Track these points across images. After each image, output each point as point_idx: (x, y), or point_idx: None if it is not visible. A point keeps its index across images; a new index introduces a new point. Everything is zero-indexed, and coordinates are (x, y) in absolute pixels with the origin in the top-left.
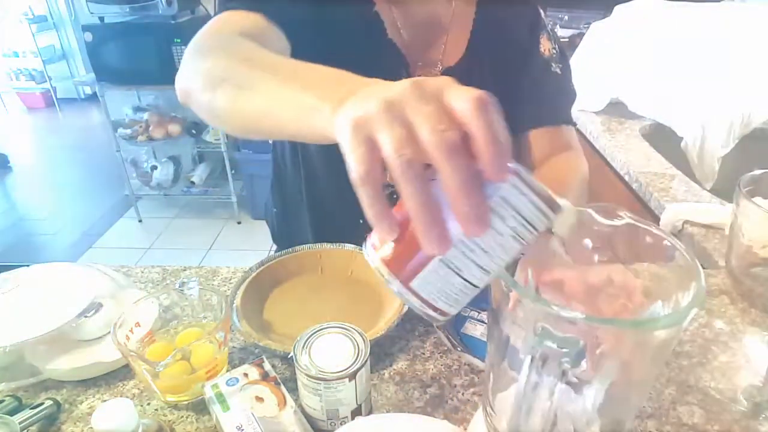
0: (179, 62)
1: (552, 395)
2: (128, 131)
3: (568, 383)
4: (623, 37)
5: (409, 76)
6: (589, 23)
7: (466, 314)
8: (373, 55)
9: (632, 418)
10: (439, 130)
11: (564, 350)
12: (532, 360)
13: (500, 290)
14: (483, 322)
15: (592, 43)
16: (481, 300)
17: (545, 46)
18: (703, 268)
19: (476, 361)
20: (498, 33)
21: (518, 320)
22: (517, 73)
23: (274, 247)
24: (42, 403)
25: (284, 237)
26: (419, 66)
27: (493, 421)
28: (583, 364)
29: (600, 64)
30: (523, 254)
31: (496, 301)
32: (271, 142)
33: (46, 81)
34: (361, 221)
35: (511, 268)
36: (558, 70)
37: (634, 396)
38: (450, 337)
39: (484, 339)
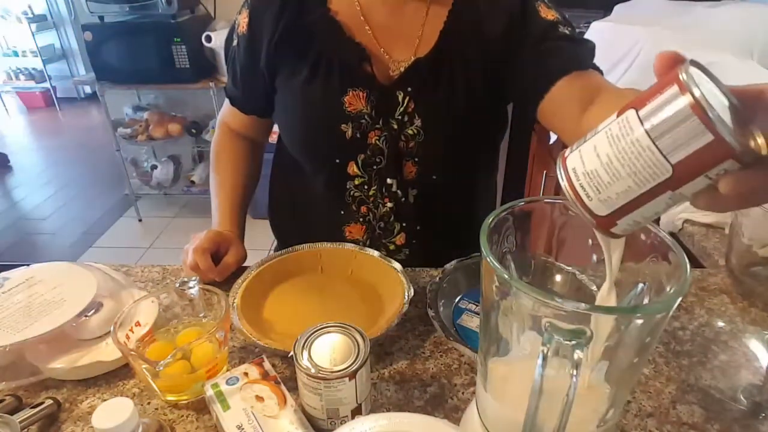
0: (179, 61)
1: (570, 389)
2: (128, 130)
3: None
4: (623, 37)
5: (372, 69)
6: (589, 23)
7: (464, 306)
8: (336, 54)
9: (621, 406)
10: None
11: (573, 342)
12: (544, 358)
13: (491, 282)
14: (479, 314)
15: None
16: (479, 293)
17: (546, 13)
18: (703, 267)
19: (468, 351)
20: (474, 21)
21: (508, 311)
22: (502, 54)
23: (275, 246)
24: (42, 403)
25: (282, 233)
26: (389, 60)
27: (485, 412)
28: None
29: (600, 64)
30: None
31: (486, 293)
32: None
33: (45, 80)
34: (342, 212)
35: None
36: (567, 32)
37: (622, 384)
38: (444, 326)
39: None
